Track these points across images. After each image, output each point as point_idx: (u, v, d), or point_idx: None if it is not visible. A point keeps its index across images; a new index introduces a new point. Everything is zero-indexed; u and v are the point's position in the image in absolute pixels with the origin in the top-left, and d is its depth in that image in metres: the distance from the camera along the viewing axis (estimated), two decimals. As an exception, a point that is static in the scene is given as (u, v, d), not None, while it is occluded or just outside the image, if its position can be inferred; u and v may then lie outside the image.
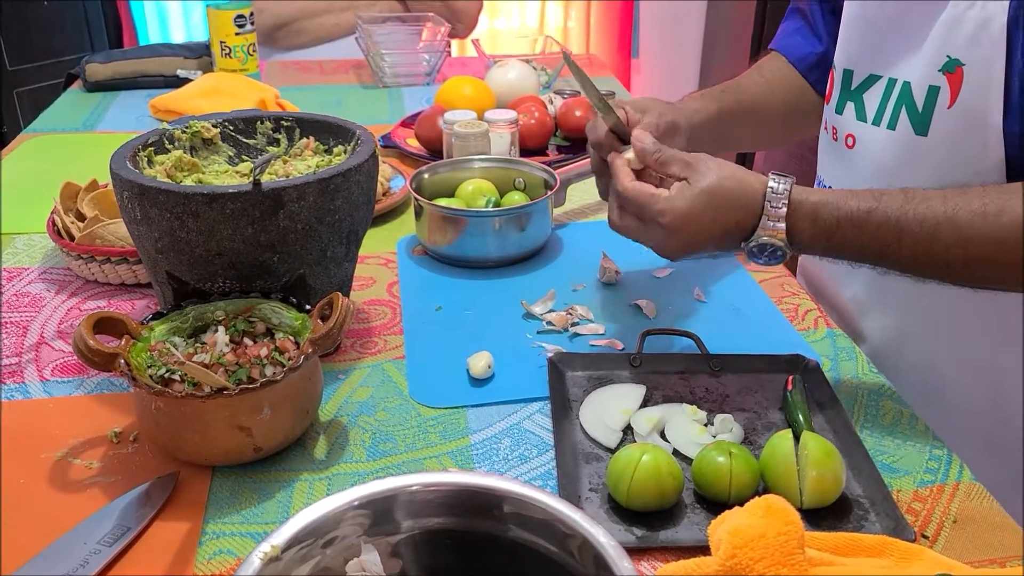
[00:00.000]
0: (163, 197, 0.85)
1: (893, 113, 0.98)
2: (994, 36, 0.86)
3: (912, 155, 0.97)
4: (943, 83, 0.92)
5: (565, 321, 1.05)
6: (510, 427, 0.89)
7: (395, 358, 0.99)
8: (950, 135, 0.93)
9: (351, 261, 0.99)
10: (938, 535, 0.75)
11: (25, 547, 0.71)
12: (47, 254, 1.21)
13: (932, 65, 0.93)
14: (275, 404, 0.79)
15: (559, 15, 3.67)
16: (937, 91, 0.93)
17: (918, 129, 0.95)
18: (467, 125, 1.38)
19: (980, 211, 0.81)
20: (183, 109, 1.70)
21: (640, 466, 0.75)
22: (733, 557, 0.59)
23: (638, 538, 0.74)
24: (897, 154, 0.99)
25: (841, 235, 0.85)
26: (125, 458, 0.83)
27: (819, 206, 0.86)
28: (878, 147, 1.01)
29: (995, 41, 0.86)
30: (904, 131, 0.97)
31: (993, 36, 0.87)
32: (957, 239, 0.81)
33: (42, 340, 1.01)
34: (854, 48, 1.05)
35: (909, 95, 0.96)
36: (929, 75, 0.93)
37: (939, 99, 0.93)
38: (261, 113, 1.08)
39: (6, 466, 0.82)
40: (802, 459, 0.77)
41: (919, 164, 0.96)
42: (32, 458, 0.83)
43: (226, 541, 0.74)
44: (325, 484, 0.81)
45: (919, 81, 0.95)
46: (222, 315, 0.88)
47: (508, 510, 0.58)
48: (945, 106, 0.92)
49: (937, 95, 0.93)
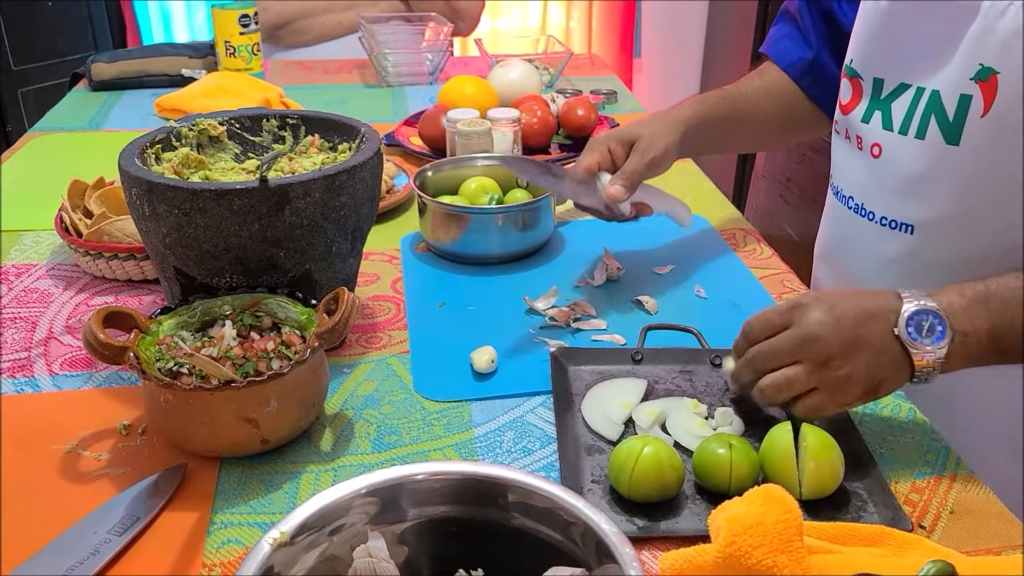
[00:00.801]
0: (171, 193, 0.86)
1: (921, 122, 0.97)
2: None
3: (942, 165, 0.96)
4: (976, 91, 0.91)
5: (567, 317, 1.06)
6: (513, 420, 0.90)
7: (399, 353, 1.01)
8: (983, 144, 0.92)
9: (356, 257, 1.01)
10: (935, 525, 0.76)
11: (37, 536, 0.72)
12: (55, 250, 1.22)
13: (963, 74, 0.92)
14: (282, 397, 0.81)
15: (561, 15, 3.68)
16: (969, 100, 0.92)
17: (949, 138, 0.94)
18: (470, 124, 1.39)
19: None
20: (188, 108, 1.71)
21: (641, 458, 0.76)
22: (732, 544, 0.61)
23: (639, 528, 0.75)
24: (926, 164, 0.97)
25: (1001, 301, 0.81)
26: (134, 450, 0.84)
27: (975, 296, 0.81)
28: (906, 157, 1.00)
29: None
30: (934, 140, 0.96)
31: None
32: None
33: (51, 335, 1.03)
34: (877, 57, 1.04)
35: (939, 104, 0.95)
36: (960, 84, 0.92)
37: (972, 108, 0.92)
38: (267, 111, 1.09)
39: (18, 458, 0.83)
40: (801, 451, 0.78)
41: (949, 174, 0.95)
42: (42, 450, 0.84)
43: (234, 531, 0.75)
44: (331, 475, 0.82)
45: (949, 90, 0.94)
46: (229, 310, 0.89)
47: (512, 499, 0.59)
48: (978, 115, 0.91)
49: (969, 104, 0.92)
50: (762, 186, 2.83)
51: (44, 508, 0.77)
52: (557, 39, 2.14)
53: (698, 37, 3.63)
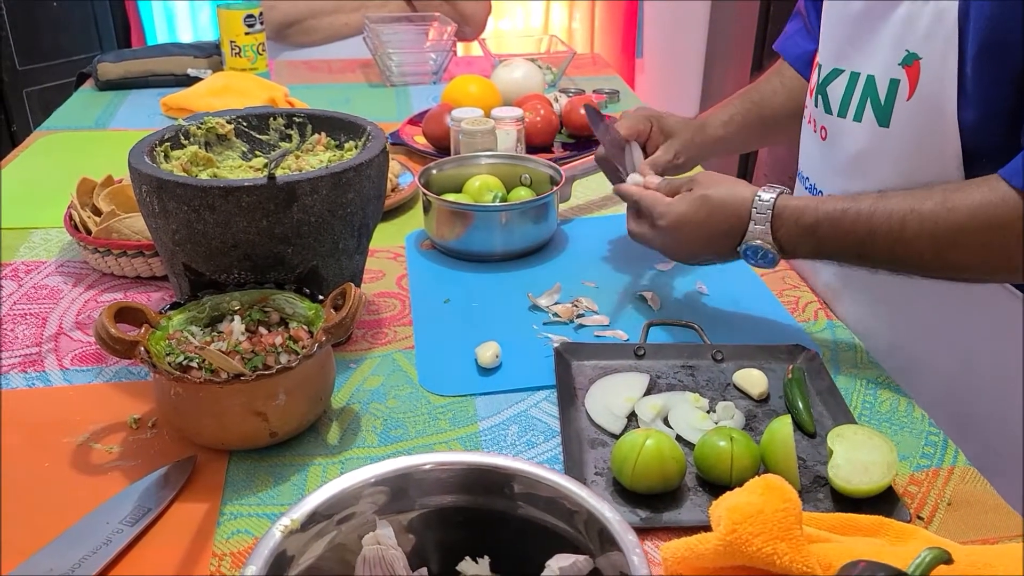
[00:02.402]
0: (180, 191, 0.87)
1: (859, 106, 1.03)
2: (947, 29, 0.91)
3: (878, 146, 1.02)
4: (903, 76, 0.97)
5: (571, 313, 1.07)
6: (517, 414, 0.91)
7: (405, 348, 1.02)
8: (910, 126, 0.98)
9: (362, 253, 1.02)
10: (933, 517, 0.77)
11: (49, 527, 0.74)
12: (64, 248, 1.24)
13: (892, 59, 0.98)
14: (290, 390, 0.82)
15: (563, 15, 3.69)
16: (897, 84, 0.98)
17: (881, 121, 1.01)
18: (474, 122, 1.40)
19: (941, 202, 0.87)
20: (194, 107, 1.73)
21: (644, 450, 0.77)
22: (733, 532, 0.62)
23: (642, 519, 0.77)
24: (864, 145, 1.04)
25: (821, 232, 0.93)
26: (144, 443, 0.86)
27: (800, 209, 0.94)
28: (847, 138, 1.06)
29: (948, 34, 0.91)
30: (869, 123, 1.02)
31: (947, 29, 0.91)
32: (922, 228, 0.88)
33: (61, 331, 1.04)
34: (825, 44, 1.11)
35: (873, 88, 1.01)
36: (890, 68, 0.98)
37: (899, 91, 0.98)
38: (274, 110, 1.11)
39: (31, 451, 0.84)
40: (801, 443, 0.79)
41: (884, 155, 1.01)
42: (55, 443, 0.85)
43: (243, 521, 0.77)
44: (338, 468, 0.83)
45: (881, 74, 1.00)
46: (238, 305, 0.91)
47: (517, 488, 0.61)
48: (905, 98, 0.97)
49: (897, 88, 0.98)
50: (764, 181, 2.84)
51: (56, 500, 0.79)
52: (560, 39, 2.16)
53: (700, 37, 3.63)
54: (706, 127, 1.24)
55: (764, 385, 0.92)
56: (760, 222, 0.94)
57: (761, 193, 0.95)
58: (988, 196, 0.86)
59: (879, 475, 0.77)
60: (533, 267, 1.21)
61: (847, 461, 0.78)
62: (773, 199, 0.94)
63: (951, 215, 0.87)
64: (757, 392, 0.92)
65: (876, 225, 0.89)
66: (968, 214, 0.86)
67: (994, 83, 0.89)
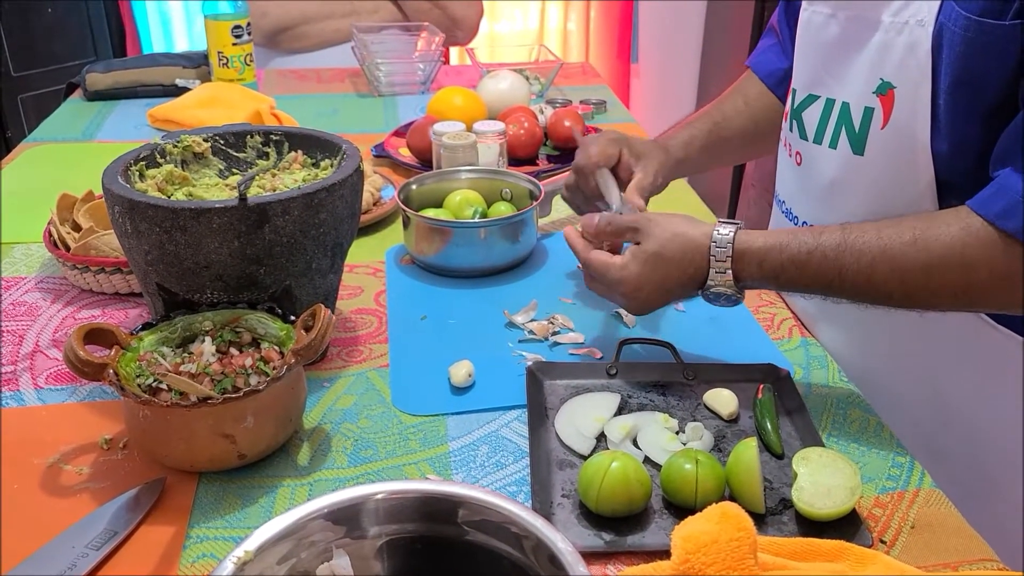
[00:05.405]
0: (152, 212, 0.88)
1: (834, 133, 1.03)
2: (920, 61, 0.91)
3: (852, 173, 1.02)
4: (877, 104, 0.97)
5: (546, 330, 1.08)
6: (488, 435, 0.92)
7: (379, 366, 1.02)
8: (884, 154, 0.98)
9: (336, 272, 1.02)
10: (895, 540, 0.77)
11: (16, 550, 0.74)
12: (44, 264, 1.24)
13: (867, 87, 0.98)
14: (258, 413, 0.82)
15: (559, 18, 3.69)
16: (872, 112, 0.98)
17: (856, 148, 1.00)
18: (455, 137, 1.41)
19: (911, 241, 0.85)
20: (180, 119, 1.73)
21: (609, 473, 0.78)
22: (686, 562, 0.62)
23: (607, 542, 0.77)
24: (838, 172, 1.03)
25: (787, 276, 0.91)
26: (114, 464, 0.86)
27: (763, 252, 0.91)
28: (822, 165, 1.06)
29: (921, 65, 0.91)
30: (844, 150, 1.02)
31: (919, 61, 0.91)
32: (892, 270, 0.86)
33: (37, 349, 1.05)
34: (800, 69, 1.10)
35: (848, 115, 1.01)
36: (865, 96, 0.98)
37: (874, 119, 0.98)
38: (251, 127, 1.11)
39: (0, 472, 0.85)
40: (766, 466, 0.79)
41: (858, 182, 1.01)
42: (25, 464, 0.86)
43: (209, 545, 0.77)
44: (307, 490, 0.84)
45: (856, 102, 1.00)
46: (210, 325, 0.91)
47: (469, 515, 0.61)
48: (879, 126, 0.97)
49: (872, 116, 0.98)
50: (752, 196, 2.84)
51: (24, 522, 0.79)
52: (549, 49, 2.16)
53: (695, 42, 3.64)
54: (669, 148, 1.21)
55: (734, 405, 0.93)
56: (720, 268, 0.91)
57: (716, 233, 0.92)
58: (959, 235, 0.84)
59: (842, 499, 0.77)
60: (512, 283, 1.21)
61: (811, 484, 0.79)
62: (730, 239, 0.91)
63: (921, 256, 0.85)
64: (727, 412, 0.92)
65: (844, 266, 0.87)
66: (939, 255, 0.84)
67: (966, 116, 0.89)
